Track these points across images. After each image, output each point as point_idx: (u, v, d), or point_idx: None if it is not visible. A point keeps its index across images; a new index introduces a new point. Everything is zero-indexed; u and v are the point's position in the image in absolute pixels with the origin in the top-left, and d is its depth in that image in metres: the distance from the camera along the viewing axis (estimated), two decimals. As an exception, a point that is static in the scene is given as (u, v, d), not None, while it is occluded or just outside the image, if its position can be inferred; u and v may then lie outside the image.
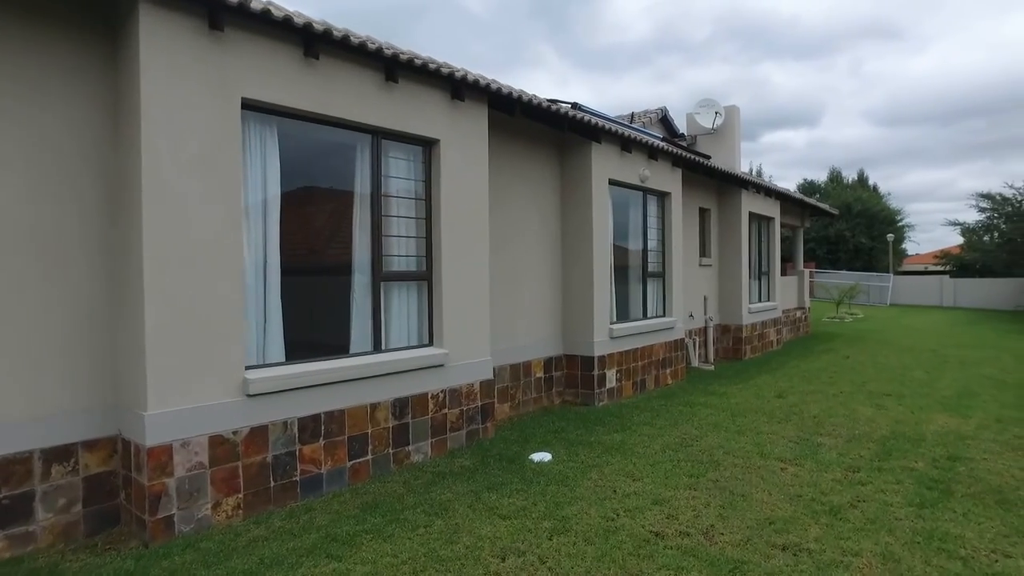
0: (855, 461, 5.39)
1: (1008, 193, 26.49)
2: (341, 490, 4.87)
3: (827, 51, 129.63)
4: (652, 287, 9.29)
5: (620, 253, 8.73)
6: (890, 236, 34.52)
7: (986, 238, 29.20)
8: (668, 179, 9.38)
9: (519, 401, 7.44)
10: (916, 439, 6.09)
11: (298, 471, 4.67)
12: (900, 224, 38.36)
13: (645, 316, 9.06)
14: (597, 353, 7.79)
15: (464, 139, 6.05)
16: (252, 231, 4.65)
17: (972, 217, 35.31)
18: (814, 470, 5.15)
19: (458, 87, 5.88)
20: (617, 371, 8.16)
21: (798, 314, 16.66)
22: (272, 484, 4.50)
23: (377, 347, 5.48)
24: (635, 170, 8.57)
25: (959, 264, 30.63)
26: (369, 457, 5.20)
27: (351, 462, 5.06)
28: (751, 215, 12.58)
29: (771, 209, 13.59)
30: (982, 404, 7.70)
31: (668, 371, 9.35)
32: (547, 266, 7.89)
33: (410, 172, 5.83)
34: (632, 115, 13.68)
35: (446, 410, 5.87)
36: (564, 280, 8.05)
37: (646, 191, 9.02)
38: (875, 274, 31.06)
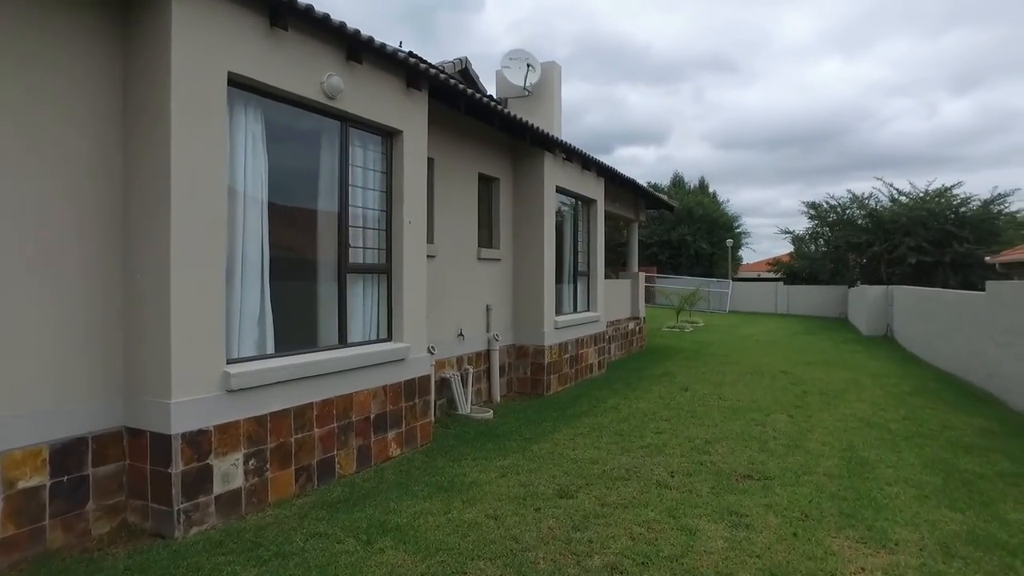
0: None
1: (833, 202, 26.79)
2: None
3: (674, 78, 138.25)
4: (360, 291, 5.36)
5: (290, 229, 4.74)
6: (729, 241, 34.22)
7: (812, 247, 29.55)
8: (397, 108, 5.54)
9: (-45, 556, 3.16)
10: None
11: None
12: (738, 230, 38.48)
13: (343, 342, 5.11)
14: (179, 428, 3.67)
15: None
16: None
17: (803, 225, 36.19)
18: None
19: None
20: (248, 455, 4.12)
21: (631, 325, 13.72)
22: None
23: None
24: (312, 75, 4.62)
25: (789, 272, 30.86)
26: None
27: None
28: (561, 191, 9.16)
29: (592, 188, 10.30)
30: (891, 494, 4.55)
31: (393, 435, 5.47)
32: (75, 243, 3.68)
33: None
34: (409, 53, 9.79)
35: None
36: (125, 273, 3.89)
37: (346, 121, 5.10)
38: (715, 280, 30.27)
